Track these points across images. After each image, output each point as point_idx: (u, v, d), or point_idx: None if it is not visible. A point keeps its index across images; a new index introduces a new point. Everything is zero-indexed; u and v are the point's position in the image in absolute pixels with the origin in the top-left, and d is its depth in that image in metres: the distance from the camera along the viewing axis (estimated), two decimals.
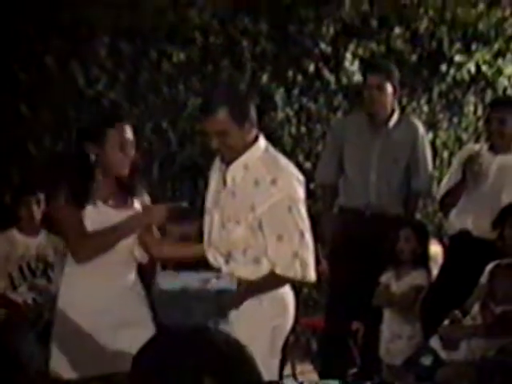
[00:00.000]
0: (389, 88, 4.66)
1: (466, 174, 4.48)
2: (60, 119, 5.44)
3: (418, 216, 5.43)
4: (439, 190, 4.78)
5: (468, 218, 4.52)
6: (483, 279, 4.12)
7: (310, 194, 3.69)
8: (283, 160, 3.12)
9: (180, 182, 5.75)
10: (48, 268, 4.70)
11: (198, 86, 5.79)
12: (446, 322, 4.07)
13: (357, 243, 4.60)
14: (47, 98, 5.40)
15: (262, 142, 3.12)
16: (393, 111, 4.75)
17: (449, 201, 4.60)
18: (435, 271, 4.72)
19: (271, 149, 3.16)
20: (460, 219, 4.56)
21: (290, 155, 5.10)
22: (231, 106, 3.00)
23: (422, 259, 4.61)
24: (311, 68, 6.07)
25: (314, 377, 5.03)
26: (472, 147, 4.90)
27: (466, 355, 3.93)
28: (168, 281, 3.24)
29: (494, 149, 4.56)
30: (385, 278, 4.56)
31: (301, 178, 3.08)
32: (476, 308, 4.04)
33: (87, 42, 5.45)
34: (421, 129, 4.85)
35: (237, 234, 3.00)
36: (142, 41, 5.63)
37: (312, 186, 5.00)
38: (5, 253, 4.59)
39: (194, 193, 5.66)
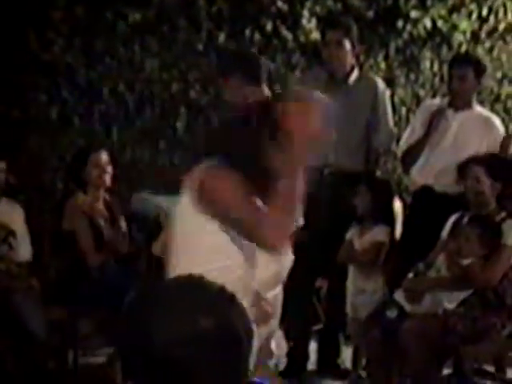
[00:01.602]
0: (347, 44, 4.66)
1: (430, 129, 4.53)
2: (15, 84, 5.35)
3: (378, 173, 5.47)
4: (399, 147, 4.82)
5: (430, 174, 4.58)
6: (444, 232, 4.19)
7: None
8: None
9: (140, 146, 5.71)
10: (9, 235, 4.66)
11: (154, 46, 5.73)
12: (410, 275, 4.15)
13: (318, 202, 4.63)
14: (2, 64, 5.30)
15: None
16: (352, 68, 4.76)
17: (411, 157, 4.65)
18: (397, 227, 4.79)
19: None
20: (422, 175, 4.62)
21: None
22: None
23: (384, 215, 4.67)
24: (268, 26, 6.04)
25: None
26: (432, 103, 4.95)
27: (430, 308, 4.01)
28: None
29: (454, 105, 4.62)
30: (349, 234, 4.61)
31: None
32: (440, 260, 4.11)
33: (41, 6, 5.35)
34: (381, 85, 4.86)
35: None
36: (97, 3, 5.54)
37: None
38: None
39: (154, 156, 5.64)
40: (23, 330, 4.34)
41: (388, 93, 5.00)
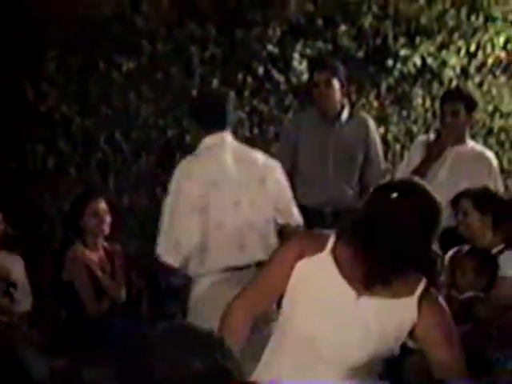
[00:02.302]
0: (336, 83, 4.75)
1: (424, 161, 4.59)
2: (12, 136, 5.40)
3: None
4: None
5: None
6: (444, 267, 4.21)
7: None
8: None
9: (136, 192, 5.74)
10: (10, 287, 4.67)
11: (148, 94, 5.79)
12: None
13: None
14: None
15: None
16: (342, 107, 4.84)
17: None
18: None
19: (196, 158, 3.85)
20: None
21: None
22: None
23: None
24: (260, 70, 6.12)
25: None
26: (425, 138, 5.01)
27: None
28: None
29: (448, 141, 4.68)
30: None
31: None
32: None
33: (36, 58, 5.42)
34: (371, 124, 4.95)
35: None
36: (90, 52, 5.62)
37: None
38: None
39: (151, 202, 5.66)
40: (26, 382, 4.33)
41: (379, 131, 5.07)
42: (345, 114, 4.84)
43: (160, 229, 3.78)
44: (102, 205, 4.65)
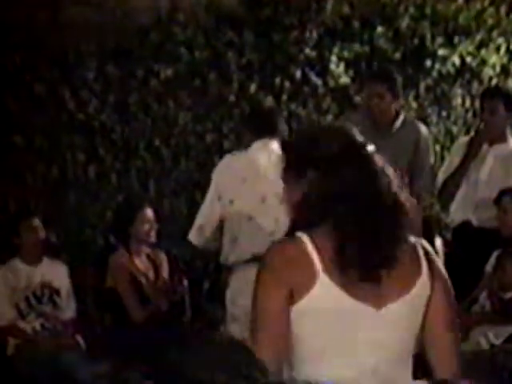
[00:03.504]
0: (389, 96, 4.66)
1: (465, 161, 4.53)
2: (53, 145, 5.47)
3: None
4: (436, 183, 4.82)
5: (468, 209, 4.57)
6: (489, 267, 4.16)
7: None
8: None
9: (177, 198, 5.77)
10: (53, 294, 4.72)
11: (186, 100, 5.82)
12: None
13: None
14: (39, 125, 5.43)
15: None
16: (397, 114, 4.76)
17: (447, 191, 4.64)
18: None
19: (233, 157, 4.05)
20: (461, 211, 4.61)
21: None
22: None
23: None
24: (298, 74, 6.11)
25: None
26: (466, 140, 4.95)
27: (476, 345, 3.96)
28: None
29: (488, 139, 4.62)
30: None
31: None
32: (483, 296, 4.07)
33: (75, 67, 5.48)
34: (423, 130, 4.86)
35: None
36: (129, 61, 5.67)
37: None
38: (10, 284, 4.60)
39: (191, 207, 5.68)
40: None
41: (430, 137, 5.00)
42: (399, 121, 4.76)
43: None
44: (150, 212, 4.71)
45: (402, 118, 4.79)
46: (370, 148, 2.07)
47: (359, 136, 2.09)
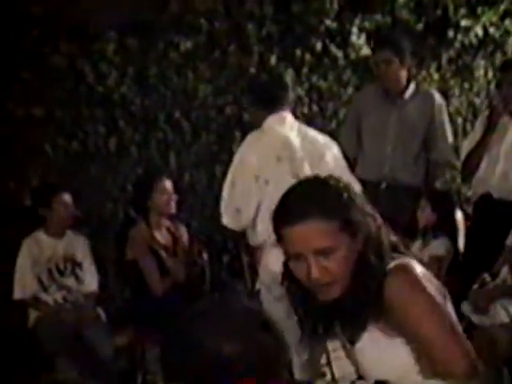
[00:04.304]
0: (397, 61, 4.64)
1: (487, 132, 4.48)
2: (73, 118, 5.47)
3: (437, 184, 5.42)
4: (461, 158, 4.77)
5: (489, 182, 4.53)
6: (509, 241, 4.13)
7: None
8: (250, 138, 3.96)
9: (197, 171, 5.76)
10: (76, 267, 4.74)
11: (206, 73, 5.79)
12: (475, 287, 4.09)
13: None
14: (59, 98, 5.42)
15: (266, 123, 3.88)
16: (408, 82, 4.74)
17: (470, 164, 4.59)
18: (459, 238, 4.73)
19: (267, 129, 3.90)
20: (481, 184, 4.57)
21: None
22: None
23: (446, 228, 4.61)
24: (318, 46, 6.06)
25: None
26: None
27: (497, 318, 3.94)
28: None
29: (510, 112, 4.56)
30: (414, 248, 4.57)
31: None
32: (505, 270, 4.05)
33: (94, 40, 5.46)
34: (437, 98, 4.84)
35: None
36: (148, 33, 5.64)
37: None
38: (33, 256, 4.63)
39: (211, 180, 5.68)
40: (93, 358, 4.41)
41: (445, 105, 4.96)
42: (410, 90, 4.74)
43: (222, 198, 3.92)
44: (169, 183, 4.69)
45: (413, 86, 4.76)
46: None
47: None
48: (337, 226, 1.90)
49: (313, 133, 4.08)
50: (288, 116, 3.96)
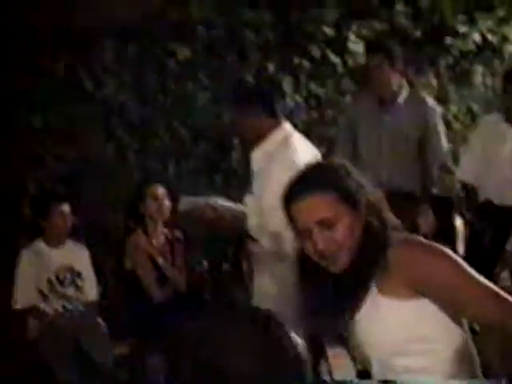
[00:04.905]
0: (387, 66, 4.66)
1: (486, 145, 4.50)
2: (71, 126, 5.47)
3: (436, 190, 5.42)
4: (461, 170, 4.77)
5: (489, 189, 4.53)
6: (509, 246, 4.13)
7: None
8: (295, 146, 3.65)
9: (196, 178, 5.76)
10: (75, 277, 4.73)
11: (204, 81, 5.80)
12: None
13: None
14: (57, 106, 5.42)
15: (284, 130, 3.67)
16: (400, 88, 4.75)
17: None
18: (458, 244, 4.73)
19: (296, 137, 3.71)
20: (482, 190, 4.57)
21: None
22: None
23: (444, 234, 4.61)
24: (316, 53, 6.06)
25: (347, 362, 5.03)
26: (488, 119, 4.90)
27: None
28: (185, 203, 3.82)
29: (510, 120, 4.57)
30: None
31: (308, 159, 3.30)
32: (505, 275, 4.05)
33: (93, 48, 5.47)
34: (430, 103, 4.85)
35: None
36: (146, 41, 5.64)
37: None
38: (33, 265, 4.62)
39: (210, 188, 5.68)
40: (93, 368, 4.40)
41: (439, 109, 4.97)
42: (402, 96, 4.76)
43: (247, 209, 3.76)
44: (161, 189, 4.68)
45: (406, 91, 4.76)
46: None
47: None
48: (335, 197, 2.09)
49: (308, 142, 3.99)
50: (288, 125, 3.88)
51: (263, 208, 3.62)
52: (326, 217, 2.07)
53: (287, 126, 3.78)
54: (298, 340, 1.60)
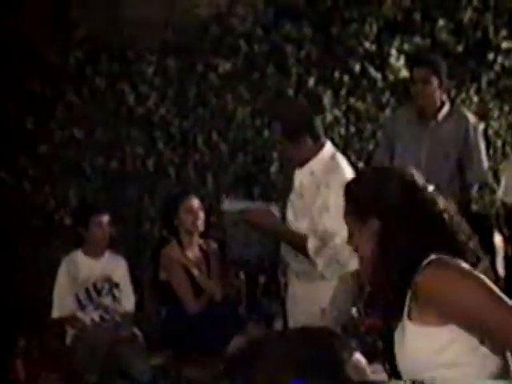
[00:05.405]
0: (435, 81, 4.65)
1: None
2: (112, 138, 5.53)
3: (475, 207, 5.38)
4: (502, 190, 4.73)
5: None
6: None
7: None
8: (343, 167, 3.67)
9: (234, 192, 5.78)
10: (113, 287, 4.78)
11: (245, 94, 5.82)
12: None
13: None
14: (99, 118, 5.50)
15: (327, 150, 3.69)
16: (442, 104, 4.74)
17: None
18: (498, 261, 4.68)
19: (338, 156, 3.71)
20: None
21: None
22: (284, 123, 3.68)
23: (484, 250, 4.56)
24: (357, 68, 6.06)
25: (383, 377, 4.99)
26: None
27: None
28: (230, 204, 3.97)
29: None
30: None
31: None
32: None
33: (135, 62, 5.53)
34: (472, 120, 4.81)
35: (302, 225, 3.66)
36: (188, 55, 5.69)
37: None
38: (72, 275, 4.68)
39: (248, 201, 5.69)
40: (129, 379, 4.42)
41: (480, 126, 4.93)
42: (444, 111, 4.73)
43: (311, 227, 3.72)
44: (196, 202, 4.69)
45: (447, 107, 4.74)
46: (430, 189, 2.21)
47: (419, 178, 2.22)
48: (348, 210, 2.20)
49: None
50: (331, 148, 3.85)
51: (322, 232, 3.62)
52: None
53: (328, 144, 3.80)
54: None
